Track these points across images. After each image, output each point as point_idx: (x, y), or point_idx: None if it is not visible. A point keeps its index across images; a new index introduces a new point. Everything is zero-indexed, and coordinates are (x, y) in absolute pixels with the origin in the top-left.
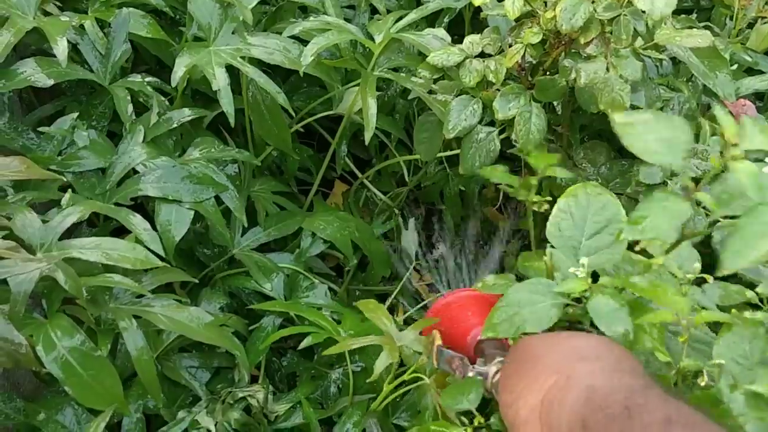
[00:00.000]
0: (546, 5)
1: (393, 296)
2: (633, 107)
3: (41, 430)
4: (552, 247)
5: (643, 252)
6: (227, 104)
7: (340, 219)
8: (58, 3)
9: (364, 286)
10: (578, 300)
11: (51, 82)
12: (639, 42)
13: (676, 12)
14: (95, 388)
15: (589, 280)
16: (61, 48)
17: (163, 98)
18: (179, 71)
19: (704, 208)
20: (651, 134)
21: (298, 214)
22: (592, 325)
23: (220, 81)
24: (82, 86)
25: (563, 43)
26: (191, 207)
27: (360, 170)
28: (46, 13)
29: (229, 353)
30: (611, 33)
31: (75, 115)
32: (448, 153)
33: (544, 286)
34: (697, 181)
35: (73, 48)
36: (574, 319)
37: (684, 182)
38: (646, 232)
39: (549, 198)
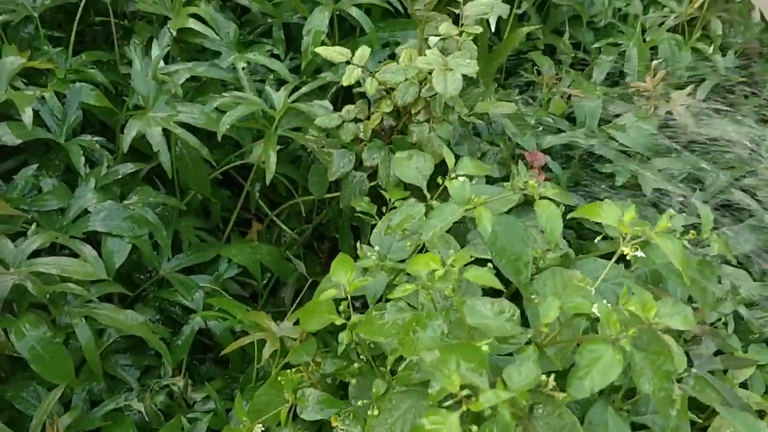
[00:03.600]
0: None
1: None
2: (457, 156)
3: (11, 403)
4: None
5: None
6: (165, 158)
7: (252, 247)
8: (23, 80)
9: (275, 308)
10: None
11: (19, 141)
12: (465, 111)
13: (510, 86)
14: (54, 366)
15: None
16: (27, 115)
17: (108, 153)
18: (130, 135)
19: None
20: (413, 167)
21: (216, 244)
22: None
23: (157, 140)
24: (38, 145)
25: (407, 112)
26: (130, 241)
27: (273, 211)
28: (15, 87)
29: (157, 354)
30: (432, 106)
31: (35, 166)
32: (335, 195)
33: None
34: None
35: (35, 113)
36: None
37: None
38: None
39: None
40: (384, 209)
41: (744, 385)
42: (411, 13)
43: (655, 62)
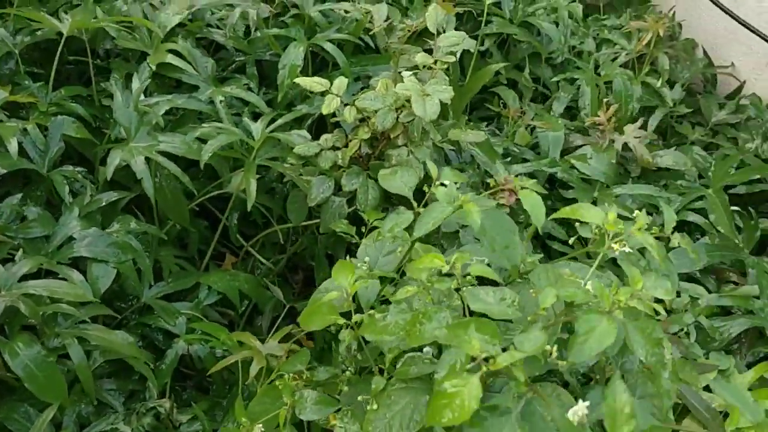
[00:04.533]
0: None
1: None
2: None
3: (3, 424)
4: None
5: None
6: (148, 184)
7: (230, 275)
8: (5, 113)
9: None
10: None
11: (4, 171)
12: (439, 138)
13: (479, 119)
14: (48, 385)
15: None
16: (13, 146)
17: (90, 183)
18: (113, 164)
19: None
20: (399, 180)
21: (196, 273)
22: None
23: (140, 168)
24: (18, 176)
25: (384, 138)
26: (115, 266)
27: (248, 241)
28: None
29: (141, 379)
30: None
31: (19, 196)
32: (315, 221)
33: None
34: None
35: (18, 145)
36: None
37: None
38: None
39: None
40: (363, 230)
41: (707, 389)
42: (384, 46)
43: (606, 99)
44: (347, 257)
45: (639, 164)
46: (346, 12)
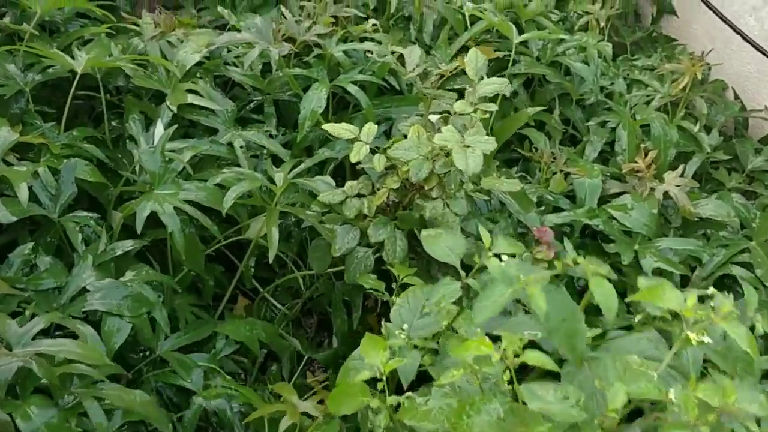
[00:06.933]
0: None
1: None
2: (464, 232)
3: None
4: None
5: None
6: (178, 237)
7: (248, 324)
8: (17, 155)
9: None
10: None
11: (14, 218)
12: (471, 186)
13: (504, 161)
14: None
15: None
16: (23, 191)
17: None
18: (143, 214)
19: None
20: (443, 243)
21: (212, 321)
22: None
23: (171, 219)
24: (27, 221)
25: (416, 188)
26: (130, 320)
27: (264, 286)
28: (7, 163)
29: None
30: (446, 182)
31: (31, 245)
32: (336, 269)
33: None
34: None
35: (28, 189)
36: None
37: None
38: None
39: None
40: (391, 284)
41: None
42: (417, 90)
43: (644, 145)
44: (365, 303)
45: (680, 214)
46: (370, 53)
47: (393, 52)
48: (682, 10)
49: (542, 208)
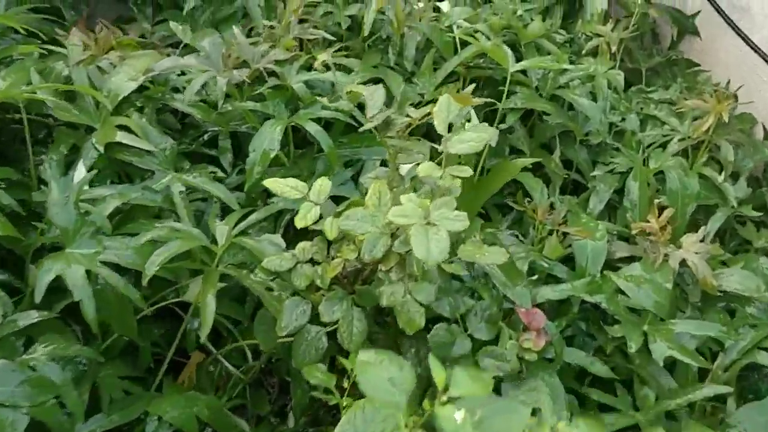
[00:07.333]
0: None
1: None
2: (436, 316)
3: None
4: None
5: None
6: (88, 307)
7: (187, 399)
8: None
9: None
10: None
11: None
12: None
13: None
14: None
15: None
16: None
17: (8, 297)
18: (46, 279)
19: None
20: (384, 373)
21: (144, 397)
22: None
23: (79, 284)
24: None
25: (375, 263)
26: (28, 411)
27: (216, 343)
28: None
29: None
30: (408, 262)
31: None
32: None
33: None
34: None
35: None
36: None
37: None
38: None
39: None
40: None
41: None
42: (380, 141)
43: (658, 200)
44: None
45: (699, 286)
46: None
47: (349, 92)
48: (707, 30)
49: (535, 277)
